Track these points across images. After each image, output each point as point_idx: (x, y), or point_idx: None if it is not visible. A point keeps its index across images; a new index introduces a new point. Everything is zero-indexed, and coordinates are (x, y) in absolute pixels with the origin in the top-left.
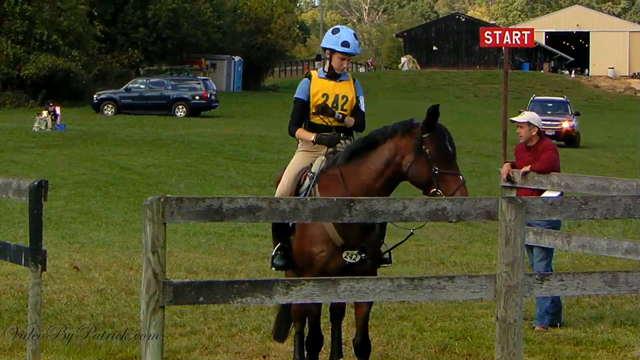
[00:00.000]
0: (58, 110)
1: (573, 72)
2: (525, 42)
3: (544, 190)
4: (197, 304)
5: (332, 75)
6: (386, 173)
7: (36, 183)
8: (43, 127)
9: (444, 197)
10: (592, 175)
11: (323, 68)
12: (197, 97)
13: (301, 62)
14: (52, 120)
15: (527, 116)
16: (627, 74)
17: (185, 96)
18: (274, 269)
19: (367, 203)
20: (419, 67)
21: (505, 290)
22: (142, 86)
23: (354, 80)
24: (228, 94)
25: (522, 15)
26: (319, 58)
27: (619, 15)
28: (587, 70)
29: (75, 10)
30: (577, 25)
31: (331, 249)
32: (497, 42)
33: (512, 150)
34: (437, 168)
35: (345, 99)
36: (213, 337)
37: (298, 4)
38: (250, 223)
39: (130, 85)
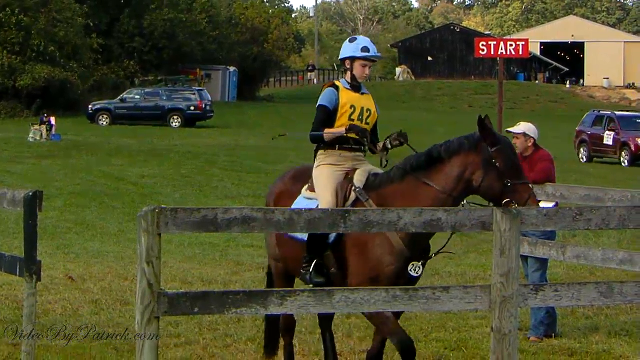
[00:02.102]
0: (53, 120)
1: (568, 82)
2: (520, 53)
3: (539, 201)
4: (192, 315)
5: (356, 87)
6: (457, 189)
7: (31, 193)
8: (38, 138)
9: (513, 207)
10: (586, 186)
11: (345, 79)
12: (192, 108)
13: (296, 72)
14: (47, 130)
15: (523, 127)
16: (622, 85)
17: (181, 107)
18: (312, 285)
19: (362, 214)
20: (413, 78)
21: (500, 301)
22: (137, 97)
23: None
24: (223, 104)
25: (517, 26)
26: (313, 69)
27: (614, 26)
28: (582, 81)
29: (72, 22)
30: (572, 35)
31: (400, 262)
32: (492, 52)
33: None
34: (509, 180)
35: (369, 112)
36: (208, 348)
37: (293, 15)
38: (245, 234)
39: (125, 96)
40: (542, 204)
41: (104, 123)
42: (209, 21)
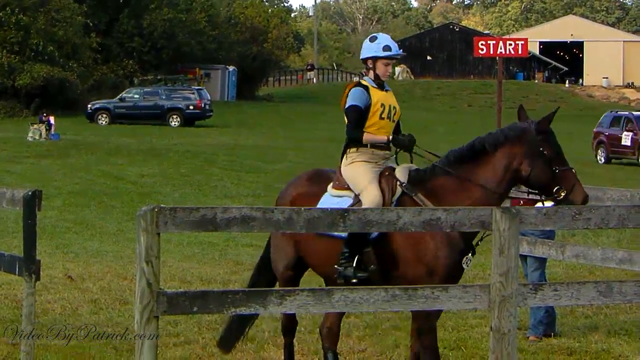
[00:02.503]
0: (52, 119)
1: (567, 82)
2: (519, 52)
3: (538, 200)
4: (191, 314)
5: (380, 85)
6: (505, 179)
7: (30, 193)
8: (37, 137)
9: (562, 193)
10: (586, 185)
11: (370, 78)
12: (191, 107)
13: (295, 71)
14: (46, 130)
15: None
16: (621, 84)
17: (180, 106)
18: (354, 281)
19: (361, 213)
20: (412, 77)
21: (499, 300)
22: (136, 96)
23: None
24: (222, 103)
25: (516, 25)
26: (312, 68)
27: (613, 25)
28: (581, 80)
29: (70, 21)
30: (571, 35)
31: (456, 254)
32: (491, 52)
33: None
34: (557, 167)
35: (395, 110)
36: (207, 347)
37: (292, 14)
38: (244, 233)
39: (125, 95)
40: (541, 203)
41: (103, 122)
42: (208, 20)
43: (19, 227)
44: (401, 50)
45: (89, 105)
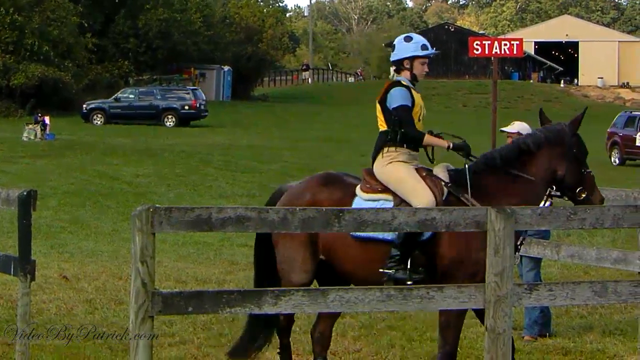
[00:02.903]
0: (47, 119)
1: (562, 82)
2: (514, 52)
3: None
4: (186, 314)
5: (414, 85)
6: (546, 179)
7: (25, 193)
8: (32, 137)
9: (583, 195)
10: None
11: (406, 78)
12: (186, 107)
13: (290, 72)
14: (41, 130)
15: (517, 126)
16: (617, 84)
17: (175, 106)
18: (410, 282)
19: (356, 213)
20: None
21: (494, 300)
22: (131, 96)
23: None
24: (217, 103)
25: (511, 25)
26: (307, 68)
27: (608, 25)
28: (576, 80)
29: (65, 21)
30: (567, 35)
31: None
32: (486, 52)
33: None
34: (584, 168)
35: (424, 109)
36: (202, 347)
37: (287, 14)
38: (239, 233)
39: (120, 95)
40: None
41: (98, 122)
42: (203, 21)
43: (14, 227)
44: (434, 49)
45: (84, 105)
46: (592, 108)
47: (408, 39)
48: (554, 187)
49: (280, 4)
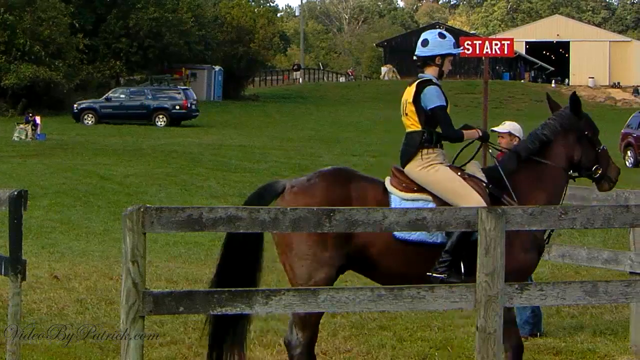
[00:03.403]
0: (38, 119)
1: (553, 81)
2: (505, 52)
3: None
4: (177, 314)
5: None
6: (567, 166)
7: (16, 193)
8: (23, 137)
9: (599, 171)
10: (571, 185)
11: (433, 76)
12: (177, 107)
13: (282, 71)
14: (32, 129)
15: (508, 126)
16: (608, 84)
17: (166, 106)
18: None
19: (347, 213)
20: (399, 77)
21: (485, 300)
22: (122, 96)
23: None
24: (208, 103)
25: (502, 25)
26: (298, 68)
27: (599, 25)
28: (567, 80)
29: (57, 20)
30: (558, 35)
31: (539, 254)
32: (477, 52)
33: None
34: (598, 147)
35: None
36: (193, 347)
37: (279, 14)
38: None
39: (111, 95)
40: None
41: (89, 122)
42: (194, 20)
43: (5, 227)
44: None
45: (75, 105)
46: (583, 108)
47: (442, 36)
48: (573, 170)
49: (272, 4)
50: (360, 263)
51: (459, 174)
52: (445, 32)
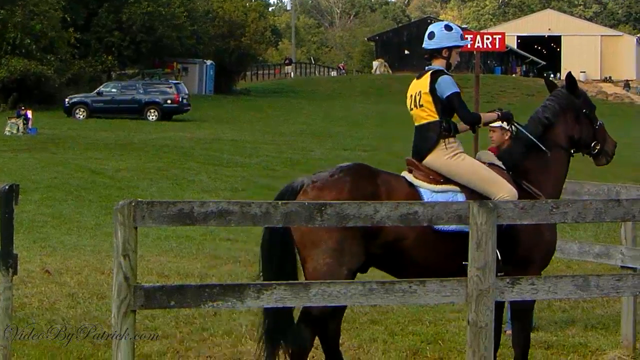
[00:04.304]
0: (30, 114)
1: (545, 76)
2: (497, 47)
3: None
4: (169, 308)
5: None
6: (569, 146)
7: (7, 187)
8: (15, 131)
9: (597, 147)
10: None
11: (442, 67)
12: (169, 101)
13: (273, 66)
14: (23, 124)
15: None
16: (599, 78)
17: (157, 100)
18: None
19: (339, 207)
20: (390, 71)
21: (476, 294)
22: (113, 90)
23: None
24: (200, 97)
25: (493, 20)
26: (290, 62)
27: (590, 19)
28: (558, 74)
29: (48, 15)
30: (549, 29)
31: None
32: (469, 46)
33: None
34: (595, 123)
35: None
36: (184, 342)
37: (270, 8)
38: (222, 227)
39: (102, 89)
40: None
41: (81, 116)
42: (187, 15)
43: None
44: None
45: (67, 100)
46: None
47: (449, 28)
48: (572, 148)
49: None
50: (388, 259)
51: (486, 163)
52: (451, 24)
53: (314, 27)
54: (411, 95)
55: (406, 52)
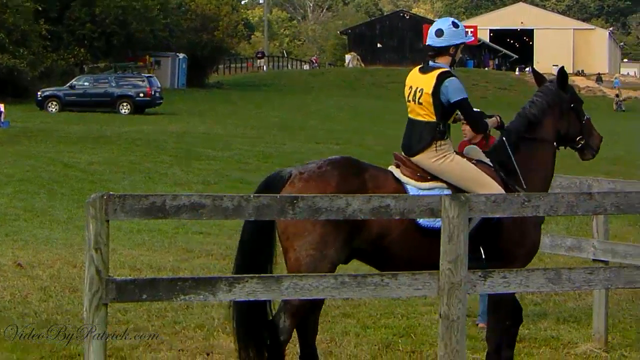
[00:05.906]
0: (2, 107)
1: (517, 69)
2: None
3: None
4: (141, 301)
5: None
6: (556, 141)
7: None
8: None
9: (582, 141)
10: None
11: (447, 65)
12: (141, 94)
13: (245, 59)
14: None
15: None
16: (571, 72)
17: (130, 93)
18: None
19: (310, 200)
20: (363, 65)
21: (448, 287)
22: (86, 83)
23: None
24: (172, 91)
25: (466, 13)
26: (262, 56)
27: (563, 13)
28: (531, 68)
29: (21, 8)
30: (522, 22)
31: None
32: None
33: (456, 148)
34: (582, 117)
35: None
36: (156, 335)
37: (243, 2)
38: (194, 220)
39: (75, 83)
40: None
41: (53, 110)
42: (160, 8)
43: None
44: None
45: (39, 93)
46: None
47: (456, 25)
48: (558, 142)
49: None
50: (372, 254)
51: (473, 161)
52: (457, 21)
53: (286, 21)
54: (411, 87)
55: (379, 45)
